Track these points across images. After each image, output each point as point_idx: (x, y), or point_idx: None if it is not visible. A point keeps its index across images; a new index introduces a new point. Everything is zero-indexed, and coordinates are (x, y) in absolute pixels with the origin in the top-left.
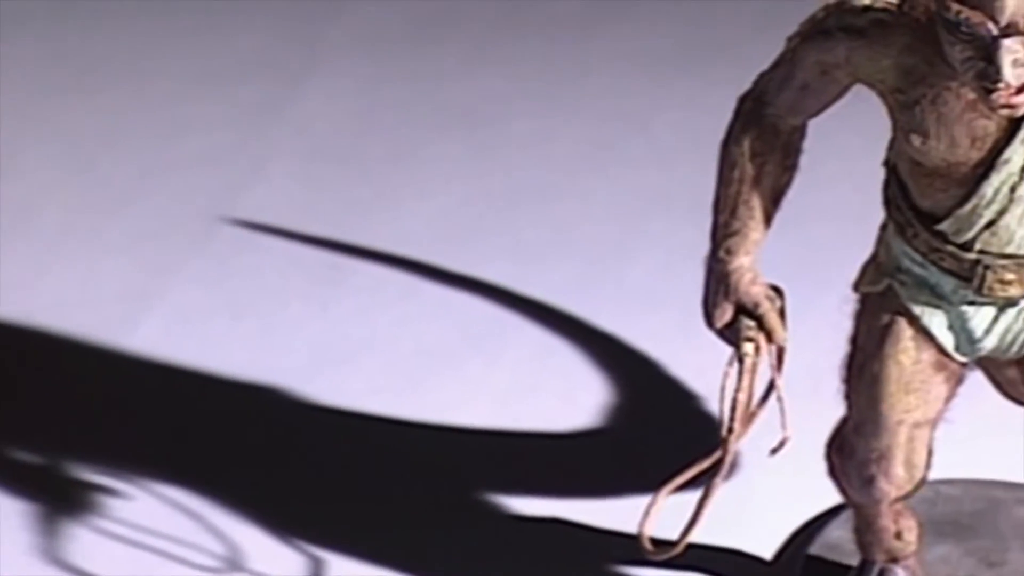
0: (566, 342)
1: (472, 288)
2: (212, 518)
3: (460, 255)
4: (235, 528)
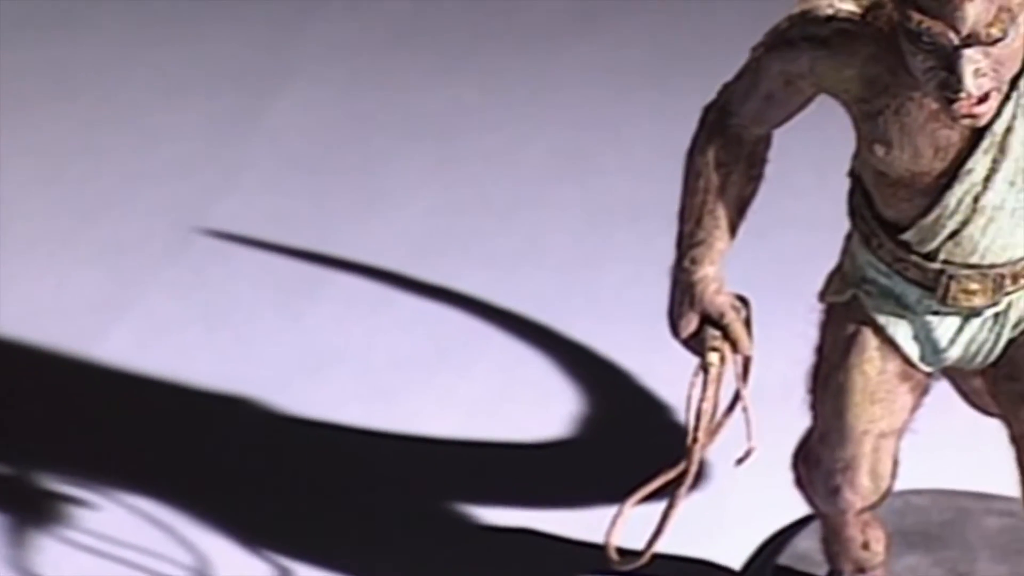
0: (537, 352)
1: (444, 298)
2: (182, 529)
3: (432, 265)
4: (204, 539)
